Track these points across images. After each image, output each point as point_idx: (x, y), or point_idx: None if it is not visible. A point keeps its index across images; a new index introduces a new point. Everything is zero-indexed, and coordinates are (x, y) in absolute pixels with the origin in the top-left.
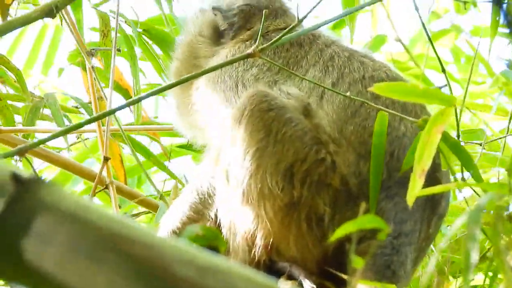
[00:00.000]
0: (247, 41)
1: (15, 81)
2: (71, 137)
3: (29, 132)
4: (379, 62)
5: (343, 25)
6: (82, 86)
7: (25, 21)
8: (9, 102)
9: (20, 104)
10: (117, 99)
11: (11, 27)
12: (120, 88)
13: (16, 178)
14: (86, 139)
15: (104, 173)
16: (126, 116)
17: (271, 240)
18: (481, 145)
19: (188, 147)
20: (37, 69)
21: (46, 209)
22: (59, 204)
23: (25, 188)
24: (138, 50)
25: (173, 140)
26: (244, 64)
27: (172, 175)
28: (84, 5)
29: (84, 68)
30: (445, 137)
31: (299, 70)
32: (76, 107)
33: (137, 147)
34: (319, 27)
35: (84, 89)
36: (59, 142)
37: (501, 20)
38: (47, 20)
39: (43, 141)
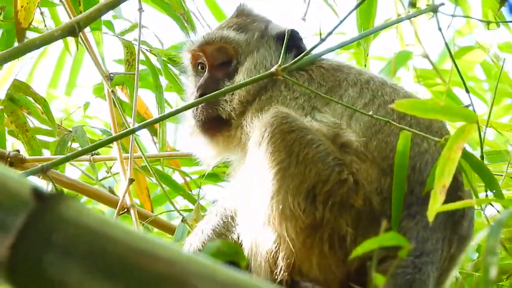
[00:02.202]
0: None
1: (42, 112)
2: (101, 172)
3: (51, 160)
4: (410, 91)
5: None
6: (109, 117)
7: (48, 40)
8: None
9: (47, 138)
10: (142, 133)
11: (33, 46)
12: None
13: (36, 193)
14: (116, 173)
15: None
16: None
17: (293, 260)
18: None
19: (214, 176)
20: (59, 92)
21: (67, 224)
22: (80, 219)
23: (45, 204)
24: (164, 82)
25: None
26: (293, 93)
27: (194, 200)
28: (106, 36)
29: (111, 103)
30: (467, 155)
31: (340, 90)
32: None
33: (161, 177)
34: (338, 48)
35: (110, 121)
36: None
37: None
38: (69, 40)
39: (65, 160)
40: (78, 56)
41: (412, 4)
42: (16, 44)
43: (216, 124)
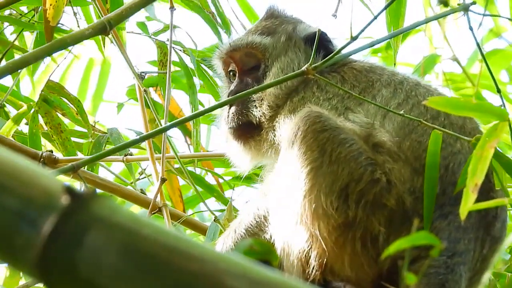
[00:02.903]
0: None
1: (76, 113)
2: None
3: (83, 160)
4: (444, 92)
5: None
6: (141, 120)
7: (79, 38)
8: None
9: (82, 140)
10: (175, 135)
11: (65, 44)
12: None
13: (69, 191)
14: (149, 175)
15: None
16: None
17: (326, 259)
18: None
19: (247, 178)
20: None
21: (99, 223)
22: (113, 217)
23: (78, 202)
24: (198, 82)
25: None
26: (326, 93)
27: (226, 202)
28: (139, 37)
29: (145, 104)
30: (499, 155)
31: (373, 90)
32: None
33: (194, 179)
34: (368, 47)
35: (143, 124)
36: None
37: None
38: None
39: (96, 158)
40: (106, 65)
41: (444, 3)
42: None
43: (248, 129)
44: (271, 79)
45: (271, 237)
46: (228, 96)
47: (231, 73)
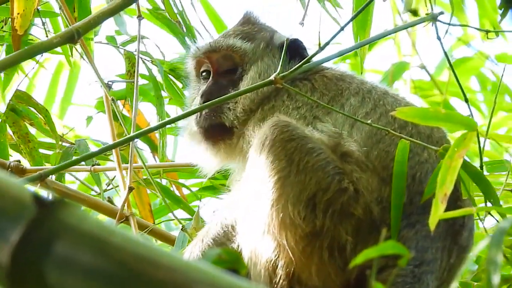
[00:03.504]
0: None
1: (44, 123)
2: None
3: (50, 169)
4: (411, 101)
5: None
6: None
7: (47, 47)
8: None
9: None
10: (142, 145)
11: (33, 53)
12: (146, 137)
13: (37, 200)
14: (116, 186)
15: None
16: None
17: (293, 269)
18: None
19: (213, 189)
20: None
21: (68, 231)
22: (81, 226)
23: (46, 210)
24: (166, 95)
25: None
26: (296, 102)
27: (193, 212)
28: (108, 50)
29: (113, 116)
30: (466, 165)
31: (342, 99)
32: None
33: (161, 189)
34: (336, 57)
35: (110, 134)
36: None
37: None
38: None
39: (63, 167)
40: (75, 68)
41: (414, 13)
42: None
43: (219, 131)
44: (248, 82)
45: (238, 247)
46: (201, 96)
47: (203, 73)
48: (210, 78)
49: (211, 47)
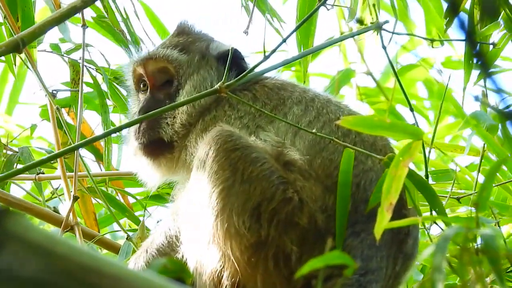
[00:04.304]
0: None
1: None
2: (47, 193)
3: None
4: (354, 109)
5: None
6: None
7: None
8: None
9: None
10: (87, 154)
11: None
12: (91, 145)
13: None
14: (61, 194)
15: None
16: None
17: (238, 279)
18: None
19: (159, 197)
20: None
21: (13, 240)
22: (27, 235)
23: None
24: (111, 104)
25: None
26: (238, 112)
27: (138, 221)
28: (53, 58)
29: (58, 124)
30: (411, 174)
31: (284, 108)
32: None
33: (107, 198)
34: (280, 66)
35: (54, 140)
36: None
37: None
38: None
39: (8, 176)
40: (21, 76)
41: (360, 22)
42: None
43: (158, 146)
44: (184, 97)
45: (183, 257)
46: (138, 112)
47: (141, 84)
48: (148, 92)
49: (148, 55)
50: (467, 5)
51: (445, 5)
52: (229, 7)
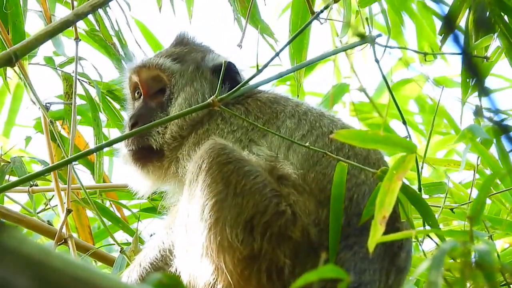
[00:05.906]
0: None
1: None
2: (41, 206)
3: None
4: (348, 123)
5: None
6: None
7: None
8: None
9: None
10: (80, 170)
11: None
12: (85, 158)
13: None
14: (55, 206)
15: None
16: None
17: None
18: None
19: (153, 209)
20: None
21: (7, 254)
22: (21, 248)
23: None
24: (104, 118)
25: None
26: (230, 126)
27: (133, 233)
28: (47, 72)
29: (51, 138)
30: (405, 187)
31: (277, 121)
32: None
33: (100, 210)
34: (274, 80)
35: (48, 153)
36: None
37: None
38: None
39: (1, 190)
40: (17, 97)
41: (361, 36)
42: None
43: (147, 153)
44: (176, 109)
45: (176, 270)
46: (129, 119)
47: (136, 93)
48: (141, 100)
49: (142, 63)
50: (462, 23)
51: (437, 21)
52: (222, 21)
